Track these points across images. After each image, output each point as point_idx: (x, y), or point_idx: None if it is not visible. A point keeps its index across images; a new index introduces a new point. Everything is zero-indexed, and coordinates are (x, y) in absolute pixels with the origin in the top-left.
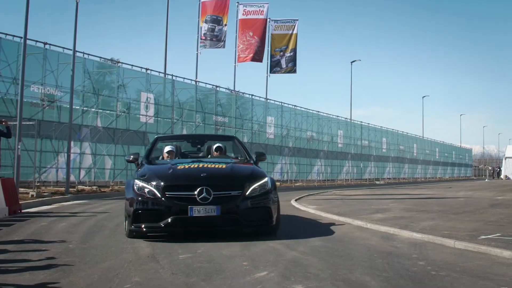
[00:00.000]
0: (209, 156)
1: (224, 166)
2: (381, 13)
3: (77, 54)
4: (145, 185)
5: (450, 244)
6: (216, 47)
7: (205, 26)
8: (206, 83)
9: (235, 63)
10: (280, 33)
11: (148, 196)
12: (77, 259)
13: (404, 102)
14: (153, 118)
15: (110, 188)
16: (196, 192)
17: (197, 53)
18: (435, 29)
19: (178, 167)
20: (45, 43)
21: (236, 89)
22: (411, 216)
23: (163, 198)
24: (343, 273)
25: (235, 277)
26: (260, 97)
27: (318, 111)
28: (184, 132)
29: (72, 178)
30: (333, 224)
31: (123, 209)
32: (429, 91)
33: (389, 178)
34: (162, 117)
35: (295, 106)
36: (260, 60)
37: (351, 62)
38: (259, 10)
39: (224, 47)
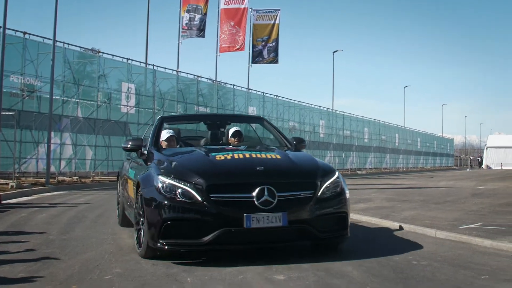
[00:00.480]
0: (220, 143)
1: (278, 156)
2: (363, 3)
3: (57, 44)
4: (176, 183)
5: (432, 234)
6: (196, 37)
7: (186, 16)
8: (187, 73)
9: (216, 53)
10: (262, 23)
11: (183, 199)
12: (58, 251)
13: (386, 92)
14: (134, 108)
15: (91, 179)
16: (254, 194)
17: (178, 43)
18: (417, 19)
19: (217, 158)
20: (24, 33)
21: (218, 79)
22: (392, 206)
23: (205, 203)
24: (325, 263)
25: (217, 267)
26: (242, 87)
27: (300, 101)
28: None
29: (52, 169)
30: None
31: (104, 199)
32: (411, 81)
33: (371, 168)
34: (143, 107)
35: (277, 96)
36: (242, 49)
37: (333, 52)
38: None
39: (204, 36)
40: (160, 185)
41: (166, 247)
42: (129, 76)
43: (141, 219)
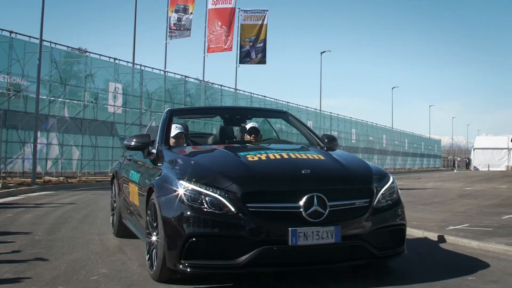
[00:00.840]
0: (234, 141)
1: (321, 156)
2: (351, 4)
3: (44, 43)
4: (202, 190)
5: (419, 235)
6: (183, 37)
7: (174, 16)
8: (175, 73)
9: (204, 53)
10: (250, 23)
11: (211, 210)
12: (43, 251)
13: (373, 93)
14: (121, 108)
15: (77, 179)
16: (301, 203)
17: (165, 43)
18: (405, 20)
19: (249, 158)
20: (11, 32)
21: (205, 80)
22: None
23: (241, 214)
24: None
25: None
26: (229, 87)
27: (288, 102)
28: (153, 124)
29: (38, 169)
30: None
31: (91, 200)
32: (399, 83)
33: None
34: (130, 107)
35: (264, 96)
36: (229, 49)
37: (321, 53)
38: None
39: (190, 35)
40: (181, 191)
41: (189, 270)
42: (116, 76)
43: (155, 233)
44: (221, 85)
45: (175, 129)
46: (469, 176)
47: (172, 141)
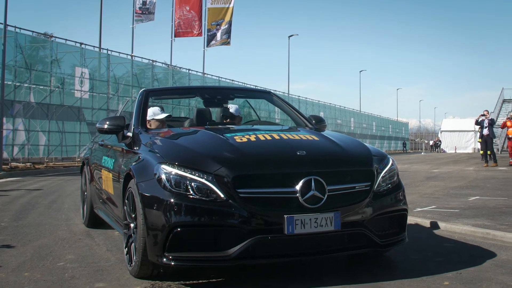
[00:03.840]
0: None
1: (314, 137)
2: None
3: (9, 28)
4: (187, 174)
5: None
6: (147, 21)
7: (139, 0)
8: (142, 58)
9: (172, 38)
10: (217, 6)
11: (198, 197)
12: (9, 238)
13: (341, 76)
14: (88, 93)
15: (45, 165)
16: (298, 188)
17: (132, 27)
18: (372, 4)
19: (237, 140)
20: None
21: (173, 64)
22: None
23: (231, 201)
24: None
25: None
26: (197, 71)
27: (256, 86)
28: (120, 107)
29: (5, 155)
30: None
31: (58, 185)
32: (367, 66)
33: None
34: (97, 92)
35: (232, 80)
36: (200, 34)
37: (289, 37)
38: None
39: (153, 19)
40: (163, 176)
41: (173, 263)
42: (82, 60)
43: (133, 224)
44: (189, 69)
45: (161, 112)
46: (436, 158)
47: (156, 124)
